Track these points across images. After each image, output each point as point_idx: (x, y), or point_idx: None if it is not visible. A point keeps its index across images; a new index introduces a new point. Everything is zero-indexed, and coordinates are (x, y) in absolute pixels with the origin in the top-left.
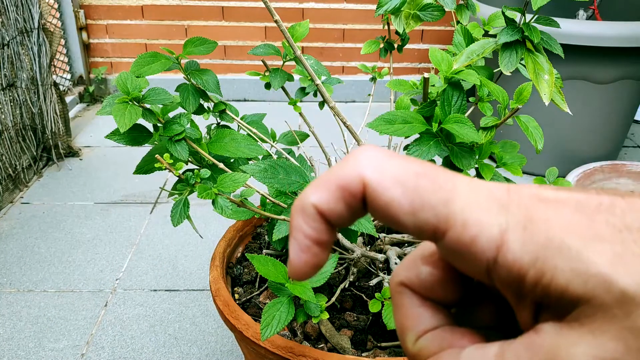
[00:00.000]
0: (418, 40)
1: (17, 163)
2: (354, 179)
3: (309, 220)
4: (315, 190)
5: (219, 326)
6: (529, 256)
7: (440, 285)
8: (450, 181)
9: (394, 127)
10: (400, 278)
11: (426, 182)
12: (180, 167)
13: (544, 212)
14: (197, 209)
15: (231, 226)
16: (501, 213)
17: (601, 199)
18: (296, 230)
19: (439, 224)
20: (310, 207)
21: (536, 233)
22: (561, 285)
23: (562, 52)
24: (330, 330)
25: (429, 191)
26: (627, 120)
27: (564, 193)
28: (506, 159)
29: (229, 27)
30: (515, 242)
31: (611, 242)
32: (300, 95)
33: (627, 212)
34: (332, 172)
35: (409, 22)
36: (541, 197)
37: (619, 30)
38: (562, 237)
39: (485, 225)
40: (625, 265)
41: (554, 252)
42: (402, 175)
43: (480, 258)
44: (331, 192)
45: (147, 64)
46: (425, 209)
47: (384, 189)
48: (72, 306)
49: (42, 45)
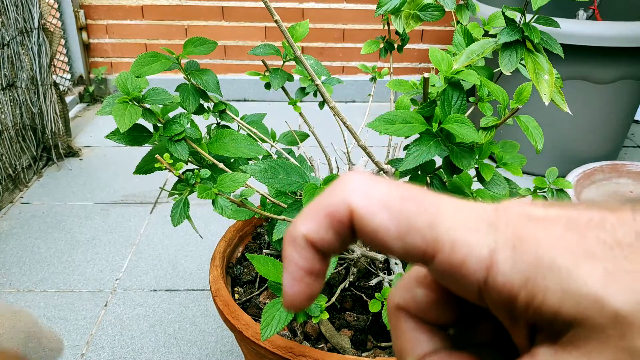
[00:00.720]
0: (418, 40)
1: (17, 163)
2: (341, 207)
3: (300, 250)
4: (304, 220)
5: (219, 326)
6: (519, 277)
7: (436, 307)
8: (435, 203)
9: (394, 127)
10: (396, 301)
11: (412, 205)
12: (180, 167)
13: (533, 230)
14: (197, 209)
15: (231, 226)
16: (490, 233)
17: (591, 215)
18: (288, 262)
19: (427, 247)
20: (300, 237)
21: (526, 252)
22: (553, 307)
23: (562, 52)
24: (330, 330)
25: (415, 214)
26: (627, 120)
27: (554, 210)
28: (506, 159)
29: (229, 27)
30: (504, 263)
31: (602, 259)
32: (300, 95)
33: (618, 227)
34: (320, 200)
35: (409, 22)
36: (530, 215)
37: (619, 30)
38: (552, 255)
39: (474, 246)
40: (618, 283)
41: (545, 272)
42: (388, 199)
43: (470, 280)
44: (320, 222)
45: (147, 64)
46: (412, 232)
47: (372, 215)
48: (72, 306)
49: (42, 45)
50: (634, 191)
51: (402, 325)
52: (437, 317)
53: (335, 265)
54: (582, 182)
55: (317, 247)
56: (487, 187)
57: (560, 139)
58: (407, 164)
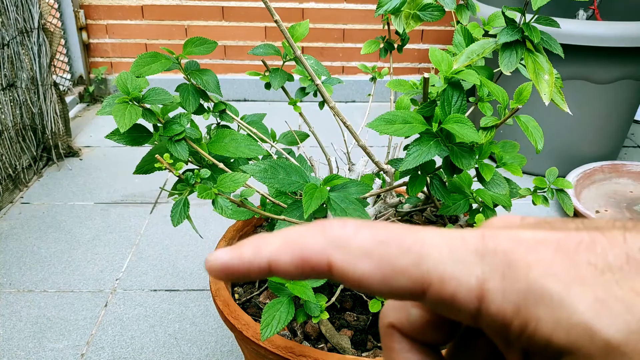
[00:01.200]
0: (418, 40)
1: (17, 163)
2: (320, 258)
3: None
4: (279, 250)
5: (219, 326)
6: (511, 306)
7: (430, 327)
8: (418, 241)
9: (394, 127)
10: (389, 320)
11: (393, 249)
12: (180, 167)
13: (523, 255)
14: (197, 209)
15: (231, 226)
16: (477, 263)
17: (581, 237)
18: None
19: (414, 287)
20: (265, 261)
21: (516, 280)
22: (545, 335)
23: (562, 52)
24: (330, 330)
25: (398, 257)
26: (627, 120)
27: (543, 233)
28: (506, 159)
29: (229, 27)
30: (495, 293)
31: (593, 285)
32: (300, 95)
33: (608, 249)
34: (298, 239)
35: (409, 22)
36: (519, 239)
37: (619, 30)
38: (542, 282)
39: (463, 279)
40: (609, 311)
41: (536, 300)
42: (367, 247)
43: (463, 310)
44: (294, 261)
45: (147, 64)
46: (397, 275)
47: (352, 267)
48: (72, 306)
49: (42, 45)
50: (634, 191)
51: (395, 345)
52: (432, 337)
53: None
54: (582, 182)
55: (274, 273)
56: (487, 187)
57: (560, 139)
58: (407, 164)
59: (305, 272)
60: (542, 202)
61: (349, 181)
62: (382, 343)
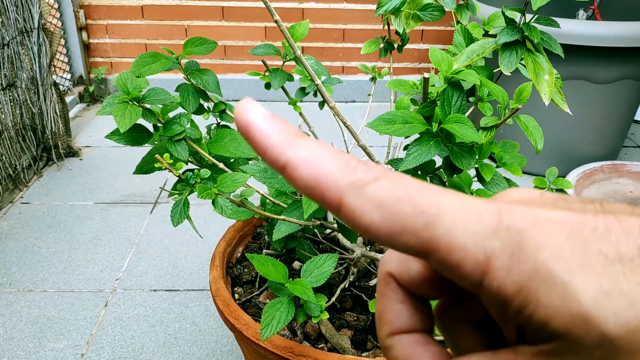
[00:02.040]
0: (418, 40)
1: (17, 163)
2: (332, 196)
3: (276, 156)
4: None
5: (219, 326)
6: (514, 286)
7: (428, 283)
8: (435, 204)
9: (394, 127)
10: (389, 268)
11: (407, 207)
12: (180, 167)
13: (535, 235)
14: (197, 209)
15: (231, 226)
16: (488, 237)
17: (597, 223)
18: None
19: (421, 247)
20: (283, 160)
21: (523, 261)
22: (542, 318)
23: (562, 52)
24: (330, 330)
25: (410, 216)
26: (627, 120)
27: (560, 214)
28: (506, 159)
29: (229, 27)
30: (500, 270)
31: (601, 275)
32: (300, 95)
33: (622, 239)
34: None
35: (409, 22)
36: (535, 218)
37: (619, 30)
38: (549, 265)
39: (471, 251)
40: (611, 304)
41: (539, 283)
42: (382, 199)
43: (465, 279)
44: (307, 181)
45: (147, 64)
46: (405, 233)
47: (362, 213)
48: (72, 306)
49: (42, 45)
50: (634, 191)
51: (389, 293)
52: (428, 292)
53: (335, 265)
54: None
55: (285, 175)
56: (487, 187)
57: (560, 139)
58: (407, 164)
59: (314, 197)
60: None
61: None
62: (377, 288)
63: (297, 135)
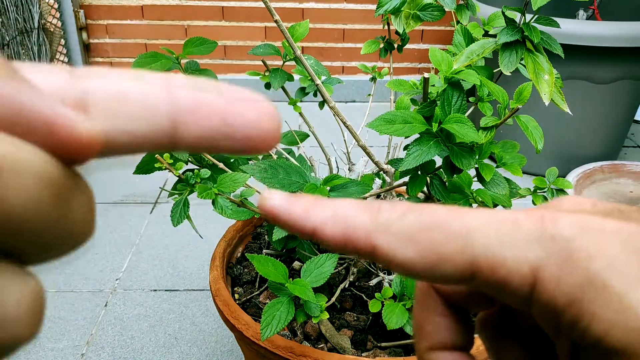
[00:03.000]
0: (418, 40)
1: None
2: (365, 244)
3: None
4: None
5: (219, 326)
6: (564, 298)
7: (472, 297)
8: (465, 225)
9: (394, 127)
10: None
11: (438, 235)
12: (180, 167)
13: (585, 244)
14: (197, 209)
15: (231, 226)
16: (531, 248)
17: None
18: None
19: (462, 273)
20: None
21: (574, 271)
22: (598, 333)
23: (562, 52)
24: (330, 330)
25: (442, 243)
26: (627, 120)
27: (613, 223)
28: (506, 159)
29: (229, 27)
30: (549, 282)
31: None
32: (300, 95)
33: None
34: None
35: (409, 22)
36: (586, 226)
37: (619, 30)
38: (604, 277)
39: (513, 266)
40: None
41: (594, 295)
42: (412, 232)
43: (513, 297)
44: (337, 238)
45: (147, 64)
46: (442, 263)
47: (395, 252)
48: (72, 306)
49: (42, 45)
50: (634, 191)
51: (430, 305)
52: (472, 305)
53: (335, 265)
54: (582, 182)
55: (317, 240)
56: (487, 187)
57: (560, 139)
58: (407, 164)
59: (348, 250)
60: (542, 202)
61: (349, 181)
62: (415, 299)
63: (317, 200)
